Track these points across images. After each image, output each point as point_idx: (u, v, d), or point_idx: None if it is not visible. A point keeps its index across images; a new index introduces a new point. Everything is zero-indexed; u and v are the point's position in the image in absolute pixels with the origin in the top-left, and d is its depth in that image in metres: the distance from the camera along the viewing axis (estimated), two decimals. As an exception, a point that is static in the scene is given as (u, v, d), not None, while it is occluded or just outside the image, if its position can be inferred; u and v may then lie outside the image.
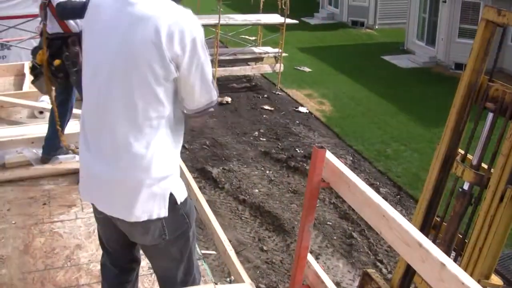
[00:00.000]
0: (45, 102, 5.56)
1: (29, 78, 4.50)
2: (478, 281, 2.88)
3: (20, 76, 7.06)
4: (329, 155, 2.32)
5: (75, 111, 4.87)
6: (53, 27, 4.22)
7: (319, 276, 2.71)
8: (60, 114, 4.55)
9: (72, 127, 4.88)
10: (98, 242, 3.74)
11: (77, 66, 4.20)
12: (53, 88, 4.38)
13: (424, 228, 3.26)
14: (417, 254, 1.76)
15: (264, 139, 12.05)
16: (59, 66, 4.19)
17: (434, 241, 3.32)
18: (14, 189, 4.44)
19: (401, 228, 1.86)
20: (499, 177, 2.80)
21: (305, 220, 2.42)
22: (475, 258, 2.93)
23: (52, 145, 4.71)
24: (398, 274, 3.38)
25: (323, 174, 2.33)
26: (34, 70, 4.36)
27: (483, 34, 2.89)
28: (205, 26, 15.02)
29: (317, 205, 9.33)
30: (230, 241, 3.63)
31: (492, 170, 2.94)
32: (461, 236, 3.20)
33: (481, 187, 2.99)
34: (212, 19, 14.79)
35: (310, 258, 2.72)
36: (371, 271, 3.48)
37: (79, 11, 3.79)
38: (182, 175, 4.76)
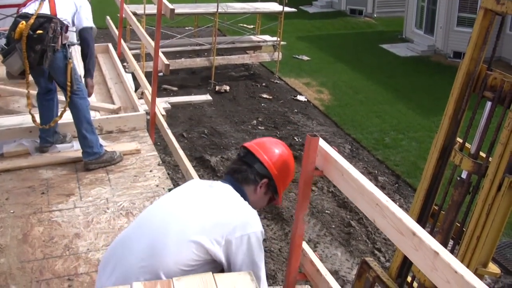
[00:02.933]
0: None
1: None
2: (476, 269, 2.89)
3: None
4: (322, 143, 2.29)
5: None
6: (43, 10, 4.31)
7: (314, 265, 2.72)
8: (47, 101, 4.73)
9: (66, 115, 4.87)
10: (96, 231, 3.76)
11: (56, 44, 4.25)
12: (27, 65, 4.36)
13: (422, 217, 3.26)
14: (411, 242, 1.75)
15: (263, 128, 12.04)
16: (40, 35, 4.20)
17: (432, 230, 3.33)
18: (12, 178, 4.44)
19: (394, 217, 1.84)
20: (497, 166, 2.80)
21: (300, 209, 2.41)
22: (473, 246, 2.94)
23: (47, 131, 4.71)
24: (396, 262, 3.39)
25: (317, 162, 2.30)
26: (2, 50, 4.38)
27: (482, 23, 2.88)
28: (203, 15, 15.08)
29: (316, 193, 9.34)
30: (228, 230, 3.64)
31: (490, 159, 2.93)
32: (459, 225, 3.20)
33: (479, 176, 2.99)
34: (210, 8, 14.74)
35: (305, 246, 2.72)
36: (369, 259, 3.48)
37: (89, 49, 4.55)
38: (181, 163, 4.79)
